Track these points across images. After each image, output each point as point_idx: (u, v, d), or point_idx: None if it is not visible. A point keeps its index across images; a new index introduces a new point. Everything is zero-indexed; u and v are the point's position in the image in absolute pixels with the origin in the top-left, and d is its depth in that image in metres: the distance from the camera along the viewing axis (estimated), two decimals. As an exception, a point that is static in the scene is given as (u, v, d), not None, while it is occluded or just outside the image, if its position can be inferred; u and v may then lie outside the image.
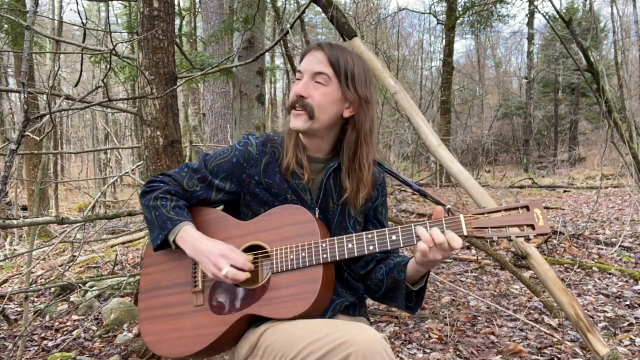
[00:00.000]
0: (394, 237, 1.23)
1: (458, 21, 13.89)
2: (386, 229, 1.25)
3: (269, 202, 1.38)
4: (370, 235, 1.24)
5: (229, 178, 1.40)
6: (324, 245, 1.26)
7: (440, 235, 1.17)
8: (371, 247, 1.24)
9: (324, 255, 1.25)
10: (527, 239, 1.19)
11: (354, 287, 1.43)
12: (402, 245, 1.23)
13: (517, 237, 1.18)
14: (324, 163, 1.43)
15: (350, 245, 1.25)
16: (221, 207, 1.52)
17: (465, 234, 1.19)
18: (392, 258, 1.41)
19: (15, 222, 2.25)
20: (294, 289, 1.25)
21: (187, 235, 1.32)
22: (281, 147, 1.41)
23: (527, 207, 1.19)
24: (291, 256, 1.27)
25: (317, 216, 1.38)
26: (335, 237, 1.27)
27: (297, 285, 1.25)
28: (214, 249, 1.27)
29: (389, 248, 1.23)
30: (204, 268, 1.29)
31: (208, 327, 1.31)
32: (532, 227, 1.17)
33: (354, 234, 1.26)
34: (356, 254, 1.25)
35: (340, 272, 1.39)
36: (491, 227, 1.18)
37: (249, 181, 1.40)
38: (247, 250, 1.34)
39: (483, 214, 1.20)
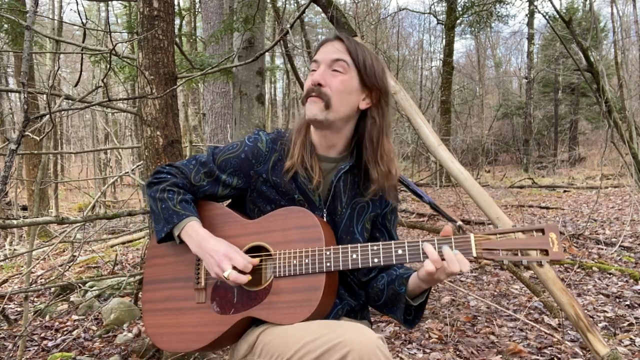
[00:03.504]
0: (400, 252, 1.20)
1: (458, 21, 13.89)
2: (392, 242, 1.22)
3: (276, 200, 1.36)
4: (375, 247, 1.22)
5: (236, 174, 1.37)
6: (328, 253, 1.23)
7: (450, 254, 1.14)
8: (376, 260, 1.21)
9: (328, 264, 1.22)
10: (540, 265, 1.13)
11: (356, 293, 1.41)
12: (407, 261, 1.21)
13: (529, 262, 1.13)
14: (335, 163, 1.39)
15: (354, 256, 1.22)
16: (228, 201, 1.50)
17: (475, 255, 1.15)
18: (395, 269, 1.39)
19: (15, 222, 2.25)
20: (295, 295, 1.23)
21: (192, 231, 1.30)
22: (291, 144, 1.37)
23: (542, 231, 1.14)
24: (294, 261, 1.24)
25: (324, 219, 1.35)
26: (340, 246, 1.24)
27: (298, 292, 1.23)
28: (219, 248, 1.25)
29: (394, 262, 1.21)
30: (207, 267, 1.27)
31: (209, 325, 1.31)
32: (546, 252, 1.13)
33: (359, 245, 1.23)
34: (360, 266, 1.22)
35: (343, 276, 1.37)
36: (502, 250, 1.14)
37: (257, 178, 1.37)
38: (250, 250, 1.32)
39: (495, 234, 1.16)
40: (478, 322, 3.08)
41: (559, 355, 2.54)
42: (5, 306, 3.65)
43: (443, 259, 1.15)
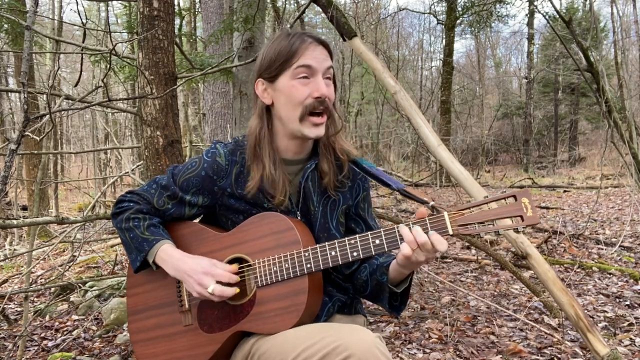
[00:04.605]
0: (377, 242, 1.18)
1: (458, 21, 13.90)
2: (369, 233, 1.19)
3: (247, 210, 1.33)
4: (353, 241, 1.19)
5: (200, 192, 1.34)
6: (306, 254, 1.21)
7: (422, 234, 1.12)
8: (355, 254, 1.19)
9: (308, 265, 1.20)
10: (517, 231, 1.12)
11: (343, 288, 1.41)
12: (386, 249, 1.19)
13: (505, 230, 1.10)
14: (301, 164, 1.37)
15: (333, 253, 1.20)
16: (199, 217, 1.47)
17: (451, 232, 1.12)
18: (377, 258, 1.37)
19: (15, 222, 2.25)
20: (281, 302, 1.21)
21: (166, 255, 1.28)
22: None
23: (514, 197, 1.11)
24: (274, 268, 1.22)
25: (300, 219, 1.33)
26: (318, 245, 1.22)
27: (283, 299, 1.21)
28: (196, 267, 1.22)
29: (373, 253, 1.19)
30: (188, 288, 1.25)
31: (200, 346, 1.29)
32: (521, 218, 1.11)
33: (336, 241, 1.21)
34: (340, 262, 1.20)
35: (327, 274, 1.36)
36: (478, 223, 1.11)
37: (222, 193, 1.33)
38: (230, 263, 1.29)
39: (469, 208, 1.13)
40: (478, 322, 3.08)
41: (559, 355, 2.54)
42: (5, 306, 3.66)
43: (417, 240, 1.12)
